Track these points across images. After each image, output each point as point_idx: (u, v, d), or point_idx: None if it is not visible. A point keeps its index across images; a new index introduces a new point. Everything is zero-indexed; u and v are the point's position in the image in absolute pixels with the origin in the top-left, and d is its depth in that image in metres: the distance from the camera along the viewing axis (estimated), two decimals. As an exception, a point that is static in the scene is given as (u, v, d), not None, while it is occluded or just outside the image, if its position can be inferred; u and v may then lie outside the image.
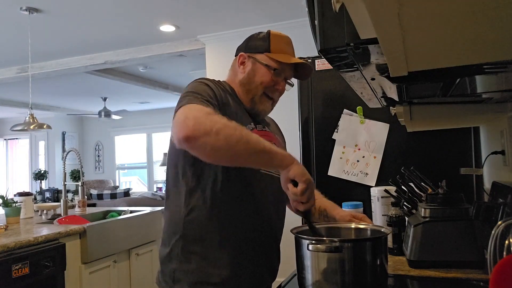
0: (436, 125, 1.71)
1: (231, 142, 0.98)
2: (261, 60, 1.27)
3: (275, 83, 1.27)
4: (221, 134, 0.98)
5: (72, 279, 2.32)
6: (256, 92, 1.27)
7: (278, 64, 1.26)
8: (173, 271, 1.18)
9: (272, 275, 1.30)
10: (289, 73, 1.31)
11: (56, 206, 3.12)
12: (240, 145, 0.99)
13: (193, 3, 3.41)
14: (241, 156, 1.02)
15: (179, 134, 0.99)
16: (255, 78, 1.27)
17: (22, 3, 3.28)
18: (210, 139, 0.97)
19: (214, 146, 0.98)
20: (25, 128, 3.74)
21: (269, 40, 1.28)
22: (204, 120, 0.99)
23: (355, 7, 0.49)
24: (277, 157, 1.03)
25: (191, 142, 0.99)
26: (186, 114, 1.02)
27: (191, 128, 0.98)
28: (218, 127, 0.98)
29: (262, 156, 1.03)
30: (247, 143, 1.00)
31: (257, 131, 1.27)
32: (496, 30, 0.52)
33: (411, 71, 0.69)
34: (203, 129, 0.97)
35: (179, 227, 1.18)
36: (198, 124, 0.98)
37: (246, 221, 1.20)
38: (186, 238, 1.17)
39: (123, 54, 4.66)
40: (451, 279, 1.15)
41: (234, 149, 0.99)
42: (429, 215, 1.27)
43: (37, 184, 9.12)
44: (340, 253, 0.95)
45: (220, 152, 1.00)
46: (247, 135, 1.02)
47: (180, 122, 1.01)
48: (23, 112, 7.90)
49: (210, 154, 1.02)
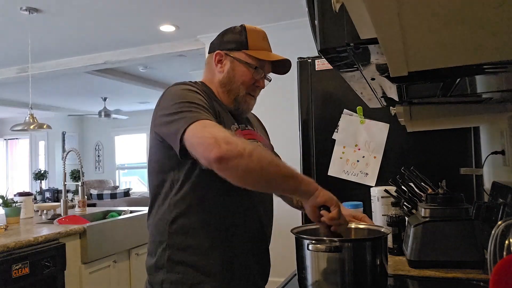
0: (436, 125, 1.71)
1: (264, 164, 0.97)
2: (240, 58, 1.23)
3: (255, 81, 1.24)
4: (254, 156, 0.96)
5: (72, 279, 2.32)
6: (238, 92, 1.23)
7: (257, 62, 1.22)
8: (161, 282, 1.13)
9: (264, 278, 1.28)
10: (268, 69, 1.27)
11: (56, 206, 3.12)
12: (272, 168, 0.98)
13: (193, 3, 3.41)
14: (272, 179, 0.99)
15: (210, 155, 0.95)
16: (235, 78, 1.23)
17: (22, 3, 3.28)
18: (243, 161, 0.95)
19: (247, 168, 0.96)
20: (25, 128, 3.74)
21: (246, 36, 1.23)
22: (235, 141, 0.97)
23: (355, 7, 0.49)
24: (304, 183, 1.01)
25: (223, 164, 0.95)
26: (213, 133, 0.98)
27: (223, 149, 0.94)
28: (250, 149, 0.96)
29: (290, 181, 1.01)
30: (277, 166, 0.99)
31: (241, 132, 1.23)
32: (496, 30, 0.52)
33: (411, 71, 0.69)
34: (236, 151, 0.95)
35: (164, 236, 1.14)
36: (230, 145, 0.95)
37: (233, 226, 1.16)
38: (172, 247, 1.13)
39: (123, 54, 4.66)
40: (451, 279, 1.15)
41: (266, 172, 0.97)
42: (429, 215, 1.27)
43: (37, 184, 9.12)
44: (340, 253, 0.95)
45: (252, 174, 0.97)
46: (276, 159, 1.02)
47: (210, 143, 0.96)
48: (23, 112, 7.89)
49: (242, 176, 0.98)
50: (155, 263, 1.15)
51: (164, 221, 1.15)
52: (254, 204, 1.21)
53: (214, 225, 1.14)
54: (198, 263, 1.12)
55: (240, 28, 1.26)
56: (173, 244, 1.13)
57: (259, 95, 1.31)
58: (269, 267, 1.30)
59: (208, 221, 1.14)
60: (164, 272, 1.13)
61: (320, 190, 1.02)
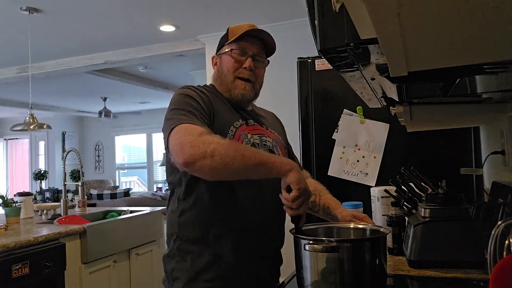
0: (436, 125, 1.71)
1: (227, 161, 1.02)
2: (223, 51, 1.33)
3: (241, 64, 1.29)
4: (216, 156, 1.02)
5: (72, 279, 2.32)
6: (227, 79, 1.30)
7: (234, 44, 1.29)
8: (171, 270, 1.23)
9: (273, 272, 1.31)
10: (253, 48, 1.30)
11: (56, 206, 3.12)
12: (236, 162, 1.03)
13: (193, 3, 3.41)
14: (240, 171, 1.06)
15: (179, 161, 1.06)
16: (223, 69, 1.32)
17: (22, 3, 3.28)
18: (207, 161, 1.02)
19: (212, 167, 1.03)
20: (25, 128, 3.74)
21: (227, 32, 1.33)
22: (198, 143, 1.04)
23: (355, 7, 0.49)
24: (276, 166, 1.04)
25: (190, 167, 1.05)
26: (180, 139, 1.08)
27: (187, 154, 1.04)
28: (212, 149, 1.02)
29: (260, 168, 1.05)
30: (242, 159, 1.03)
31: (246, 127, 1.28)
32: (496, 30, 0.52)
33: (411, 71, 0.69)
34: (198, 153, 1.02)
35: (174, 228, 1.25)
36: (193, 148, 1.03)
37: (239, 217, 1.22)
38: (181, 239, 1.24)
39: (123, 54, 4.66)
40: (451, 279, 1.15)
41: (231, 167, 1.03)
42: (429, 215, 1.27)
43: (37, 184, 9.12)
44: (337, 253, 0.95)
45: (218, 171, 1.05)
46: (242, 150, 1.06)
47: (177, 150, 1.07)
48: (23, 112, 7.89)
49: (209, 175, 1.08)
50: (168, 253, 1.27)
51: (174, 214, 1.26)
52: (262, 194, 1.24)
53: (219, 217, 1.21)
54: (204, 253, 1.20)
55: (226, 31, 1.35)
56: (181, 235, 1.23)
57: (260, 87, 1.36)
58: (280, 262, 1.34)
59: (213, 213, 1.21)
60: (174, 261, 1.23)
61: (293, 171, 1.03)
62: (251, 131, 1.29)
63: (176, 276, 1.22)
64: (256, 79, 1.32)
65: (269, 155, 1.09)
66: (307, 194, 1.04)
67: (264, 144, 1.29)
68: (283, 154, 1.36)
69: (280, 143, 1.37)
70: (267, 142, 1.31)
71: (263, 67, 1.35)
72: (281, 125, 1.52)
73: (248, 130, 1.28)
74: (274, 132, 1.40)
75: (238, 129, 1.26)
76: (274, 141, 1.34)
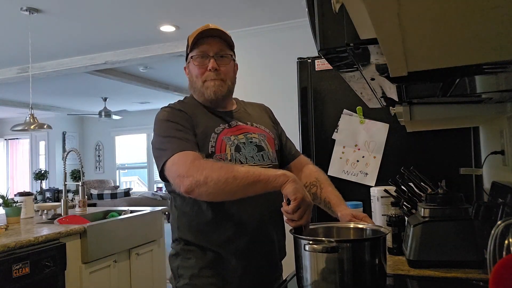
0: (436, 125, 1.71)
1: (220, 185, 1.07)
2: (188, 60, 1.37)
3: (205, 68, 1.31)
4: (209, 182, 1.08)
5: (72, 279, 2.32)
6: (197, 85, 1.33)
7: (194, 51, 1.32)
8: (177, 268, 1.29)
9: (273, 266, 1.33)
10: (213, 48, 1.31)
11: (57, 206, 3.12)
12: (230, 185, 1.07)
13: (193, 3, 3.41)
14: (236, 192, 1.10)
15: (181, 190, 1.14)
16: (192, 77, 1.35)
17: (22, 3, 3.29)
18: (202, 189, 1.09)
19: (208, 193, 1.10)
20: (25, 128, 3.74)
21: (188, 42, 1.34)
22: (191, 173, 1.10)
23: (355, 7, 0.50)
24: (270, 180, 1.06)
25: (192, 195, 1.13)
26: (177, 171, 1.14)
27: (186, 185, 1.11)
28: (205, 176, 1.08)
29: (256, 186, 1.08)
30: (234, 180, 1.07)
31: (228, 130, 1.30)
32: (496, 30, 0.52)
33: (411, 71, 0.69)
34: (193, 183, 1.09)
35: (176, 230, 1.32)
36: (188, 179, 1.10)
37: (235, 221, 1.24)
38: (182, 240, 1.29)
39: (124, 54, 4.67)
40: (451, 279, 1.15)
41: (226, 190, 1.08)
42: (428, 215, 1.27)
43: (37, 184, 9.12)
44: (337, 253, 0.95)
45: (215, 195, 1.12)
46: (234, 171, 1.08)
47: (177, 182, 1.14)
48: (24, 112, 7.90)
49: (209, 199, 1.16)
50: (173, 252, 1.32)
51: (175, 219, 1.32)
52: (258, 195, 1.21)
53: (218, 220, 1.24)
54: (207, 252, 1.25)
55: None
56: (182, 238, 1.29)
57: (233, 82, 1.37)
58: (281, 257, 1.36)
59: (211, 217, 1.24)
60: (179, 260, 1.29)
61: (288, 182, 1.04)
62: (235, 132, 1.30)
63: (181, 273, 1.28)
64: (224, 76, 1.32)
65: (263, 171, 1.10)
66: (307, 203, 1.03)
67: (250, 141, 1.30)
68: (272, 146, 1.36)
69: (267, 136, 1.37)
70: (253, 139, 1.32)
71: (229, 63, 1.34)
72: (269, 115, 1.51)
73: (231, 132, 1.29)
74: (260, 126, 1.39)
75: (219, 135, 1.27)
76: (261, 135, 1.34)
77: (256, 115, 1.44)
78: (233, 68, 1.37)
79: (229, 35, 1.34)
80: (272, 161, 1.33)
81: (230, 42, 1.36)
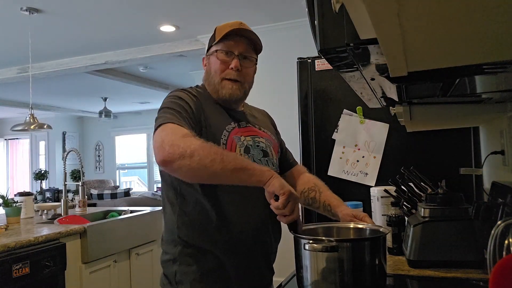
0: (436, 125, 1.71)
1: (206, 163, 1.02)
2: (210, 52, 1.31)
3: (227, 65, 1.26)
4: (195, 156, 1.01)
5: (72, 279, 2.32)
6: (214, 80, 1.28)
7: (219, 45, 1.27)
8: (174, 273, 1.22)
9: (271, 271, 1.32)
10: (240, 47, 1.27)
11: (57, 206, 3.12)
12: (215, 165, 1.02)
13: (193, 3, 3.41)
14: (218, 175, 1.04)
15: (157, 158, 1.06)
16: (211, 70, 1.30)
17: (22, 3, 3.29)
18: (185, 161, 1.02)
19: (190, 168, 1.03)
20: (25, 128, 3.74)
21: (214, 32, 1.30)
22: (178, 143, 1.03)
23: (355, 7, 0.50)
24: (255, 173, 1.04)
25: (168, 165, 1.05)
26: (162, 137, 1.07)
27: (166, 152, 1.03)
28: (192, 149, 1.02)
29: (239, 174, 1.04)
30: (221, 162, 1.02)
31: (238, 129, 1.27)
32: (496, 30, 0.52)
33: (411, 71, 0.69)
34: (178, 153, 1.02)
35: (174, 234, 1.23)
36: (173, 147, 1.03)
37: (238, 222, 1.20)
38: (182, 242, 1.21)
39: (124, 54, 4.67)
40: (451, 279, 1.15)
41: (209, 170, 1.02)
42: (428, 215, 1.27)
43: (37, 184, 9.12)
44: (337, 253, 0.95)
45: (196, 172, 1.05)
46: (223, 154, 1.04)
47: (157, 146, 1.06)
48: (24, 112, 7.90)
49: (186, 175, 1.08)
50: (169, 258, 1.24)
51: (172, 221, 1.24)
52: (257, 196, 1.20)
53: (217, 220, 1.19)
54: (208, 256, 1.19)
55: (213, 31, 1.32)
56: (181, 241, 1.21)
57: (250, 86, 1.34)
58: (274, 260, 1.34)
59: (211, 216, 1.19)
60: (177, 265, 1.21)
61: (273, 179, 1.03)
62: (244, 133, 1.27)
63: (179, 279, 1.21)
64: (244, 78, 1.29)
65: (250, 162, 1.08)
66: (295, 196, 1.03)
67: (257, 145, 1.28)
68: (276, 154, 1.35)
69: (273, 143, 1.36)
70: (261, 143, 1.29)
71: (252, 66, 1.31)
72: (272, 123, 1.50)
73: (240, 132, 1.26)
74: (267, 132, 1.38)
75: (230, 132, 1.24)
76: (267, 141, 1.33)
77: (262, 119, 1.43)
78: (254, 72, 1.34)
79: (259, 41, 1.31)
80: (276, 169, 1.32)
81: (258, 46, 1.32)
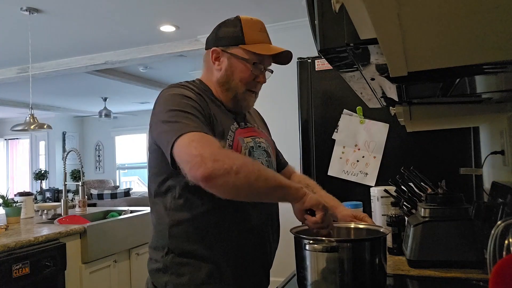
0: (436, 125, 1.71)
1: (251, 180, 0.96)
2: (237, 55, 1.17)
3: (255, 77, 1.18)
4: (241, 173, 0.95)
5: (72, 279, 2.32)
6: (237, 89, 1.18)
7: (256, 57, 1.16)
8: (164, 284, 1.13)
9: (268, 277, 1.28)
10: (268, 62, 1.21)
11: (57, 206, 3.12)
12: (260, 183, 0.98)
13: (193, 3, 3.41)
14: (261, 193, 1.01)
15: (196, 174, 0.95)
16: (233, 76, 1.18)
17: (22, 3, 3.29)
18: (231, 178, 0.94)
19: (235, 185, 0.95)
20: (25, 128, 3.74)
21: (242, 29, 1.16)
22: (222, 158, 0.95)
23: (355, 7, 0.50)
24: (291, 191, 1.03)
25: (211, 182, 0.95)
26: (199, 150, 0.96)
27: (210, 168, 0.93)
28: (237, 166, 0.95)
29: (278, 191, 1.02)
30: (265, 180, 0.99)
31: (241, 130, 1.21)
32: (496, 30, 0.52)
33: (411, 71, 0.69)
34: (223, 169, 0.94)
35: (165, 240, 1.14)
36: (217, 163, 0.94)
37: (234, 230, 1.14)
38: (174, 251, 1.13)
39: (124, 54, 4.67)
40: (451, 279, 1.15)
41: (254, 187, 0.98)
42: (428, 215, 1.27)
43: (37, 184, 9.12)
44: (337, 253, 0.95)
45: (240, 190, 0.98)
46: (264, 171, 1.01)
47: (195, 162, 0.95)
48: (24, 112, 7.90)
49: (230, 192, 0.99)
50: (159, 267, 1.14)
51: (164, 225, 1.14)
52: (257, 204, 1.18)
53: (213, 229, 1.12)
54: (202, 264, 1.11)
55: (235, 21, 1.19)
56: (174, 248, 1.12)
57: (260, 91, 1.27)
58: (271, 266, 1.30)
59: (207, 225, 1.12)
60: (168, 275, 1.12)
61: (308, 195, 1.03)
62: (245, 134, 1.22)
63: None
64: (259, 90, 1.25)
65: (283, 178, 1.05)
66: (327, 209, 1.05)
67: (258, 146, 1.23)
68: (274, 154, 1.33)
69: (271, 144, 1.33)
70: (262, 144, 1.25)
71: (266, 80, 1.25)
72: (263, 121, 1.46)
73: (243, 133, 1.21)
74: (264, 132, 1.35)
75: (235, 133, 1.18)
76: (267, 141, 1.29)
77: (257, 119, 1.39)
78: None
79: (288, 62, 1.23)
80: (275, 169, 1.30)
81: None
